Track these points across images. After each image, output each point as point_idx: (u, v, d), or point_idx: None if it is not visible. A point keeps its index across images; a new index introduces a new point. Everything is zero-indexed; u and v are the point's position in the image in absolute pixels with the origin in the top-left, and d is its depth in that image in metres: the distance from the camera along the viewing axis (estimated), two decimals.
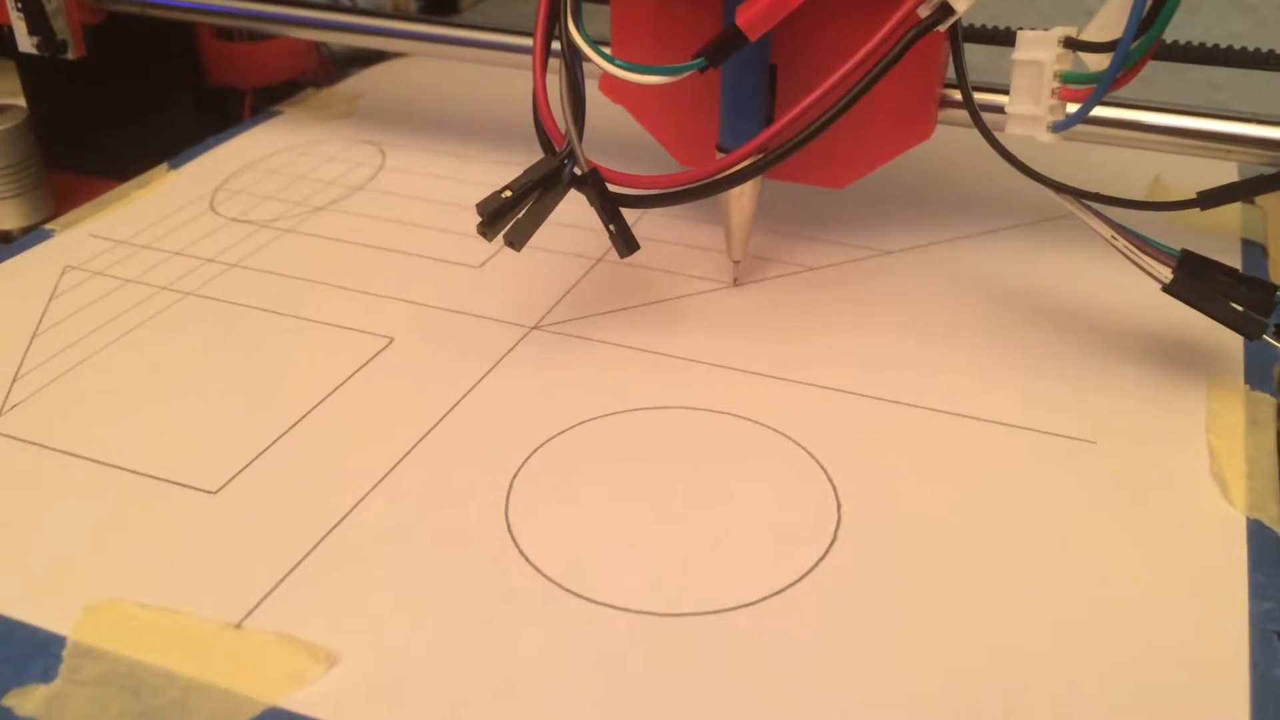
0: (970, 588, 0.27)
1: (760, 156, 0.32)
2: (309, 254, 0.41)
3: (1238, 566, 0.27)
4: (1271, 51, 0.37)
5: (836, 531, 0.29)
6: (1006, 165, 0.33)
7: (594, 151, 0.33)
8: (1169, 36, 0.29)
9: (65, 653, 0.25)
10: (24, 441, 0.32)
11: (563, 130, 0.33)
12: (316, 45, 0.58)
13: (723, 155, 0.33)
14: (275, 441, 0.32)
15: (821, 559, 0.28)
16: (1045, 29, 0.30)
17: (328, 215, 0.44)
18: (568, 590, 0.27)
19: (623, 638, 0.25)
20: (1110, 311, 0.37)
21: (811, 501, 0.29)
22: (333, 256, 0.41)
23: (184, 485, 0.30)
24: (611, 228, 0.33)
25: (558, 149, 0.33)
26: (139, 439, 0.32)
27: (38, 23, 0.46)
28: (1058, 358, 0.35)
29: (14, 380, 0.34)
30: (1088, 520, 0.29)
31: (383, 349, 0.36)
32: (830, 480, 0.30)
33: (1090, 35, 0.30)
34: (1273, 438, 0.31)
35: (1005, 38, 0.40)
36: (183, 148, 0.50)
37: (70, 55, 0.47)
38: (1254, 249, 0.41)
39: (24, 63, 0.50)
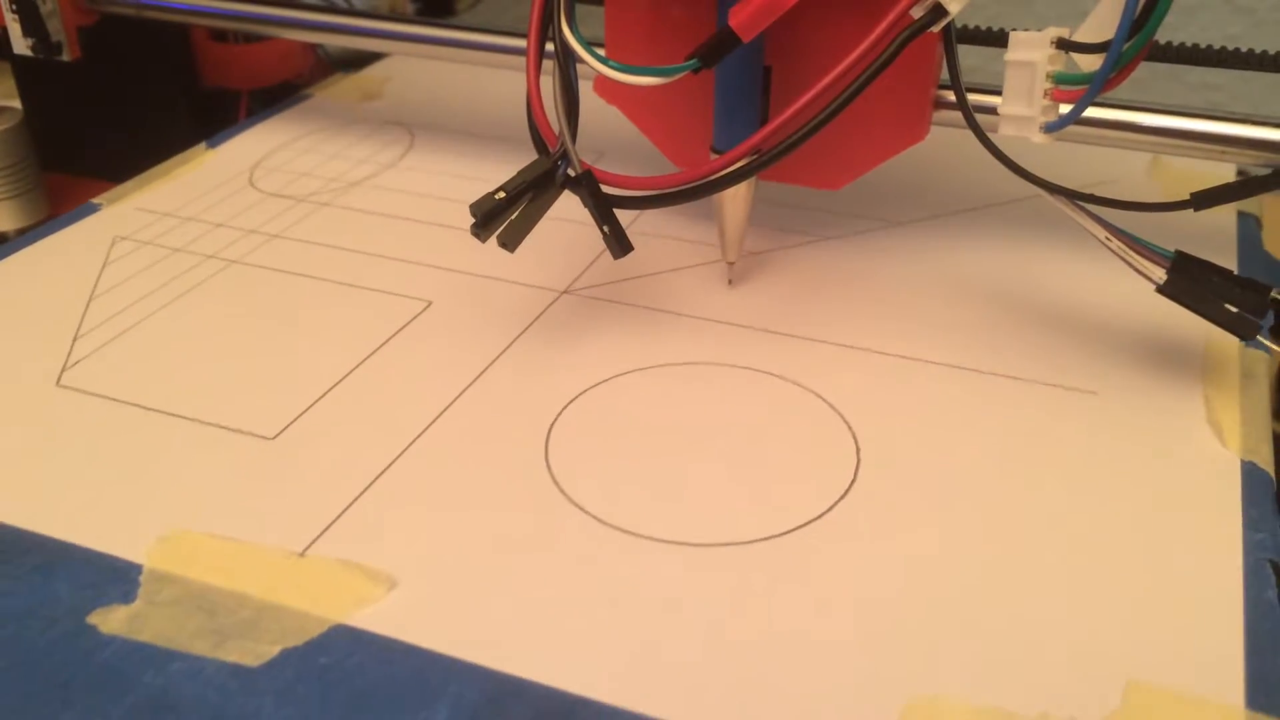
0: (980, 521, 0.29)
1: (754, 158, 0.32)
2: (346, 225, 0.43)
3: (1232, 503, 0.29)
4: (1265, 52, 0.38)
5: (856, 472, 0.30)
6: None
7: (588, 152, 0.34)
8: (1163, 38, 0.29)
9: (142, 578, 0.27)
10: (89, 394, 0.34)
11: (556, 131, 0.33)
12: (312, 47, 0.57)
13: (717, 156, 0.33)
14: (326, 394, 0.34)
15: (843, 496, 0.30)
16: (1039, 29, 0.30)
17: (362, 190, 0.46)
18: (605, 523, 0.29)
19: (658, 566, 0.27)
20: (1113, 273, 0.38)
21: (832, 446, 0.31)
22: (369, 228, 0.43)
23: (243, 432, 0.32)
24: (605, 229, 0.33)
25: (551, 150, 0.33)
26: (197, 391, 0.34)
27: (32, 24, 0.46)
28: (1061, 316, 0.37)
29: (74, 339, 0.36)
30: (1091, 463, 0.31)
31: (422, 311, 0.38)
32: (849, 427, 0.32)
33: (1083, 36, 0.29)
34: (1266, 389, 0.33)
35: (998, 39, 0.39)
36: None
37: (65, 57, 0.47)
38: (1248, 220, 0.43)
39: (19, 65, 0.49)
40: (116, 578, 0.27)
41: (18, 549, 0.28)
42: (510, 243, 0.32)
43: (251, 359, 0.35)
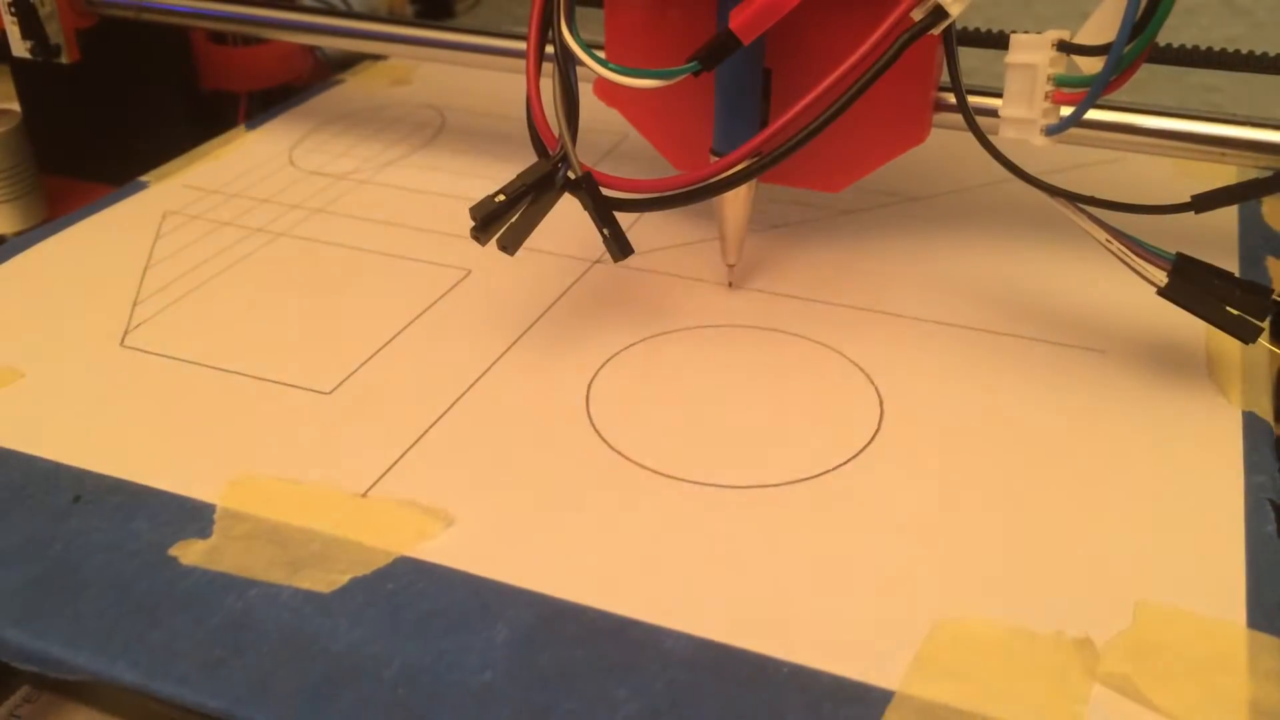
0: (997, 462, 0.31)
1: (755, 160, 0.32)
2: (385, 200, 0.45)
3: (1234, 448, 0.31)
4: (1265, 54, 0.39)
5: (880, 423, 0.32)
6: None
7: (588, 154, 0.34)
8: (1164, 40, 0.28)
9: (216, 516, 0.29)
10: (151, 354, 0.36)
11: (556, 134, 0.33)
12: (310, 49, 0.58)
13: (717, 159, 0.33)
14: (376, 353, 0.36)
15: (868, 444, 0.32)
16: (1039, 32, 0.30)
17: (398, 168, 0.48)
18: (644, 467, 0.31)
19: (695, 506, 0.29)
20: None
21: (857, 400, 0.33)
22: (407, 202, 0.45)
23: (300, 388, 0.34)
24: (605, 231, 0.33)
25: (552, 153, 0.33)
26: (253, 351, 0.36)
27: (31, 27, 0.46)
28: (1071, 283, 0.39)
29: (134, 305, 0.38)
30: (1100, 414, 0.32)
31: (462, 279, 0.40)
32: (873, 383, 0.34)
33: (1084, 39, 0.29)
34: (1265, 346, 0.35)
35: (999, 41, 0.39)
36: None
37: (64, 59, 0.47)
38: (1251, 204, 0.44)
39: (18, 67, 0.49)
40: (192, 516, 0.29)
41: (99, 491, 0.30)
42: (510, 245, 0.33)
43: (303, 322, 0.37)
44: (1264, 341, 0.32)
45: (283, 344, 0.36)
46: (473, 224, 0.32)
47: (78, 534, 0.29)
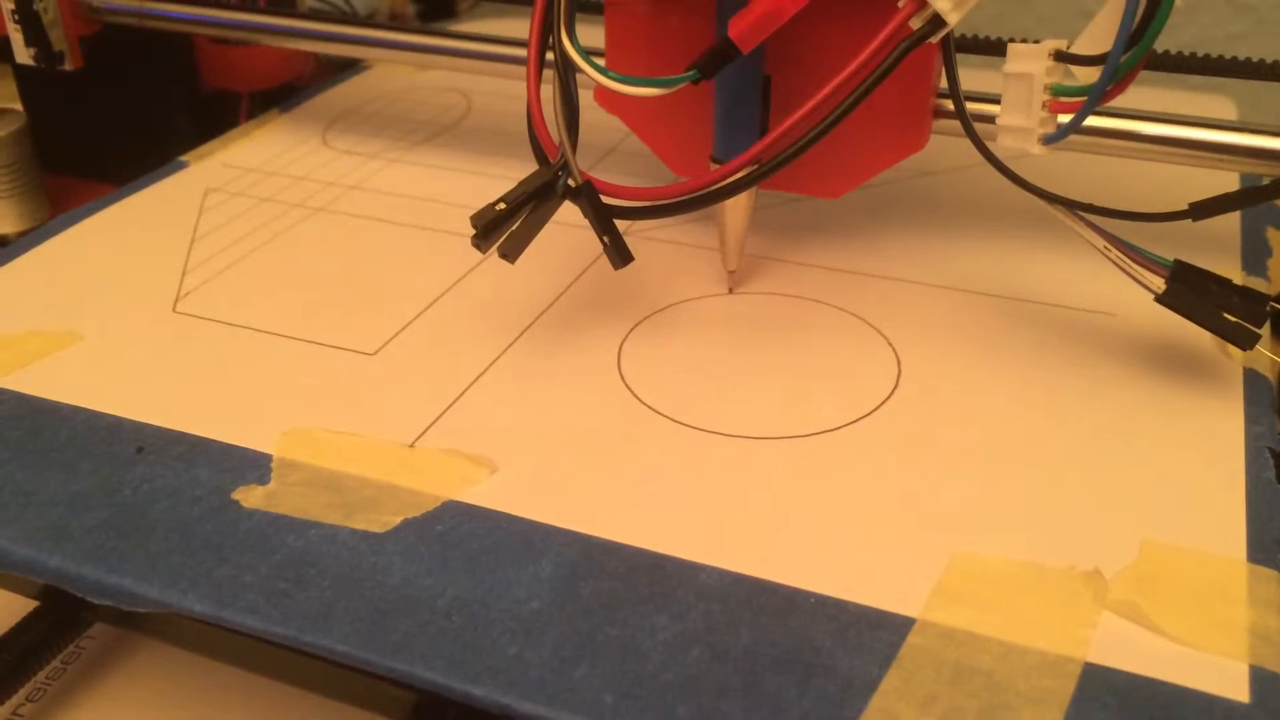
0: (1011, 413, 0.32)
1: (755, 167, 0.32)
2: (418, 177, 0.47)
3: (1235, 401, 0.33)
4: (1261, 61, 0.40)
5: (898, 380, 0.34)
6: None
7: (588, 161, 0.36)
8: (1165, 38, 0.29)
9: (273, 465, 0.31)
10: (202, 319, 0.37)
11: (557, 142, 0.33)
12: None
13: (717, 166, 0.33)
14: (416, 317, 0.37)
15: (887, 398, 0.33)
16: (1039, 39, 0.31)
17: (429, 148, 0.50)
18: (674, 420, 0.32)
19: (724, 455, 0.31)
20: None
21: (876, 359, 0.35)
22: (439, 179, 0.47)
23: (346, 349, 0.36)
24: (605, 240, 0.33)
25: (552, 161, 0.34)
26: (299, 316, 0.37)
27: (35, 34, 0.46)
28: (1079, 245, 0.40)
29: (183, 274, 0.40)
30: (1107, 368, 0.34)
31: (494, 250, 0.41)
32: (891, 345, 0.36)
33: (1081, 47, 0.30)
34: (1269, 348, 0.36)
35: (997, 48, 0.41)
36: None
37: (67, 66, 0.48)
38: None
39: (21, 67, 0.49)
40: (250, 465, 0.31)
41: (159, 443, 0.32)
42: (511, 254, 0.33)
43: (344, 290, 0.39)
44: (1262, 349, 0.33)
45: (325, 310, 0.38)
46: (473, 232, 0.33)
47: (144, 480, 0.30)
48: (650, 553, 0.28)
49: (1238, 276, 0.39)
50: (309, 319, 0.37)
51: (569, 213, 0.41)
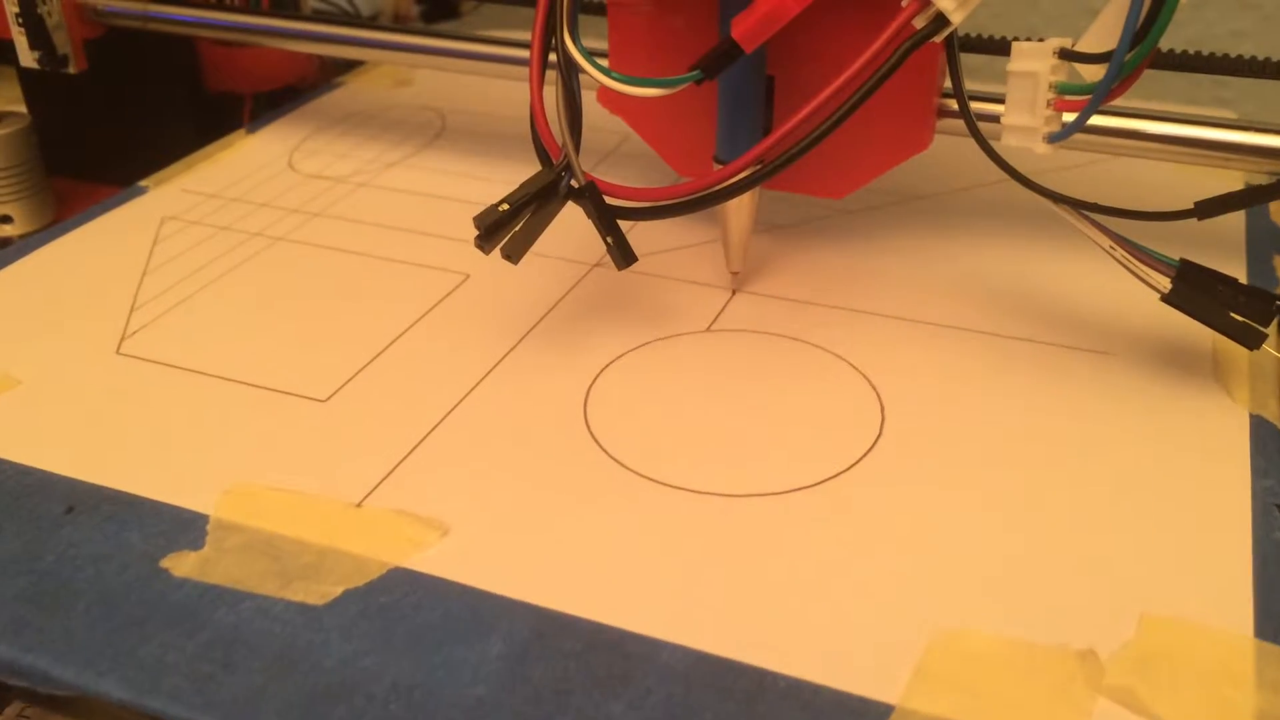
0: (999, 467, 0.30)
1: (758, 168, 0.32)
2: (384, 204, 0.45)
3: (1241, 452, 0.31)
4: (1268, 60, 0.39)
5: (881, 429, 0.32)
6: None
7: (591, 161, 0.35)
8: (1170, 34, 0.28)
9: (209, 527, 0.29)
10: (148, 361, 0.35)
11: (560, 143, 0.33)
12: None
13: (720, 166, 0.33)
14: (374, 359, 0.35)
15: (868, 451, 0.31)
16: (1043, 38, 0.30)
17: (398, 171, 0.48)
18: (642, 475, 0.30)
19: (694, 514, 0.29)
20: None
21: (858, 405, 0.33)
22: (406, 206, 0.45)
23: (297, 395, 0.34)
24: (609, 240, 0.33)
25: (555, 161, 0.33)
26: (250, 358, 0.35)
27: (39, 37, 0.46)
28: (1073, 282, 0.38)
29: (131, 311, 0.38)
30: (1105, 416, 0.32)
31: (461, 283, 0.39)
32: (874, 388, 0.34)
33: (1085, 46, 0.29)
34: (1274, 347, 0.35)
35: (1002, 47, 0.40)
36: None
37: (71, 69, 0.48)
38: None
39: (25, 69, 0.49)
40: (185, 527, 0.29)
41: (90, 501, 0.30)
42: (514, 255, 0.33)
43: (300, 328, 0.37)
44: (1269, 348, 0.32)
45: (279, 351, 0.36)
46: (476, 233, 0.32)
47: (70, 545, 0.28)
48: (609, 628, 0.26)
49: (1243, 276, 0.37)
50: (260, 361, 0.35)
51: (542, 243, 0.40)
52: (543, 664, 0.25)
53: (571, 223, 0.34)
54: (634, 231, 0.41)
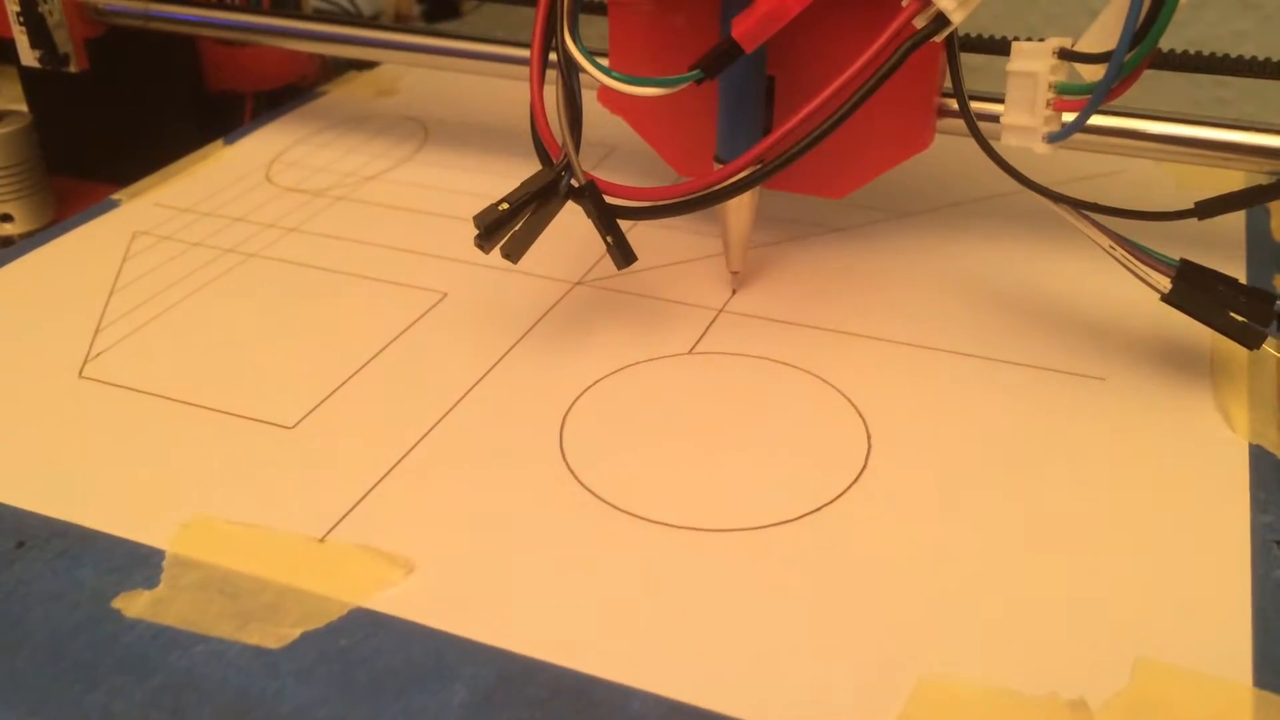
0: (990, 502, 0.29)
1: (758, 167, 0.32)
2: (362, 219, 0.44)
3: (1240, 485, 0.29)
4: (1267, 60, 0.39)
5: (867, 459, 0.31)
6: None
7: (591, 161, 0.34)
8: (1171, 34, 0.29)
9: (165, 563, 0.28)
10: (111, 385, 0.34)
11: (560, 142, 0.33)
12: None
13: (720, 166, 0.33)
14: (344, 383, 0.34)
15: (854, 483, 0.30)
16: (1043, 37, 0.30)
17: (378, 184, 0.47)
18: (618, 509, 0.29)
19: (671, 551, 0.28)
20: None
21: (843, 433, 0.32)
22: (385, 221, 0.44)
23: (263, 421, 0.33)
24: (609, 239, 0.33)
25: (555, 161, 0.33)
26: (217, 382, 0.34)
27: (40, 36, 0.46)
28: (1069, 304, 0.37)
29: (96, 332, 0.37)
30: (1099, 447, 0.31)
31: (437, 302, 0.38)
32: (860, 415, 0.32)
33: (1085, 46, 0.29)
34: (1274, 372, 0.33)
35: (1002, 47, 0.40)
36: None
37: (72, 68, 0.48)
38: (1257, 209, 0.43)
39: (26, 68, 0.49)
40: (140, 563, 0.28)
41: (42, 535, 0.29)
42: (514, 254, 0.32)
43: (270, 350, 0.36)
44: (1269, 348, 0.32)
45: (247, 374, 0.35)
46: (476, 232, 0.32)
47: (19, 583, 0.27)
48: (577, 674, 0.25)
49: (1242, 277, 0.36)
50: (227, 386, 0.34)
51: (526, 261, 0.39)
52: (506, 712, 0.24)
53: (553, 239, 0.33)
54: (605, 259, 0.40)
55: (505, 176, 0.34)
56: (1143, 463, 0.30)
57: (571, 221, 0.39)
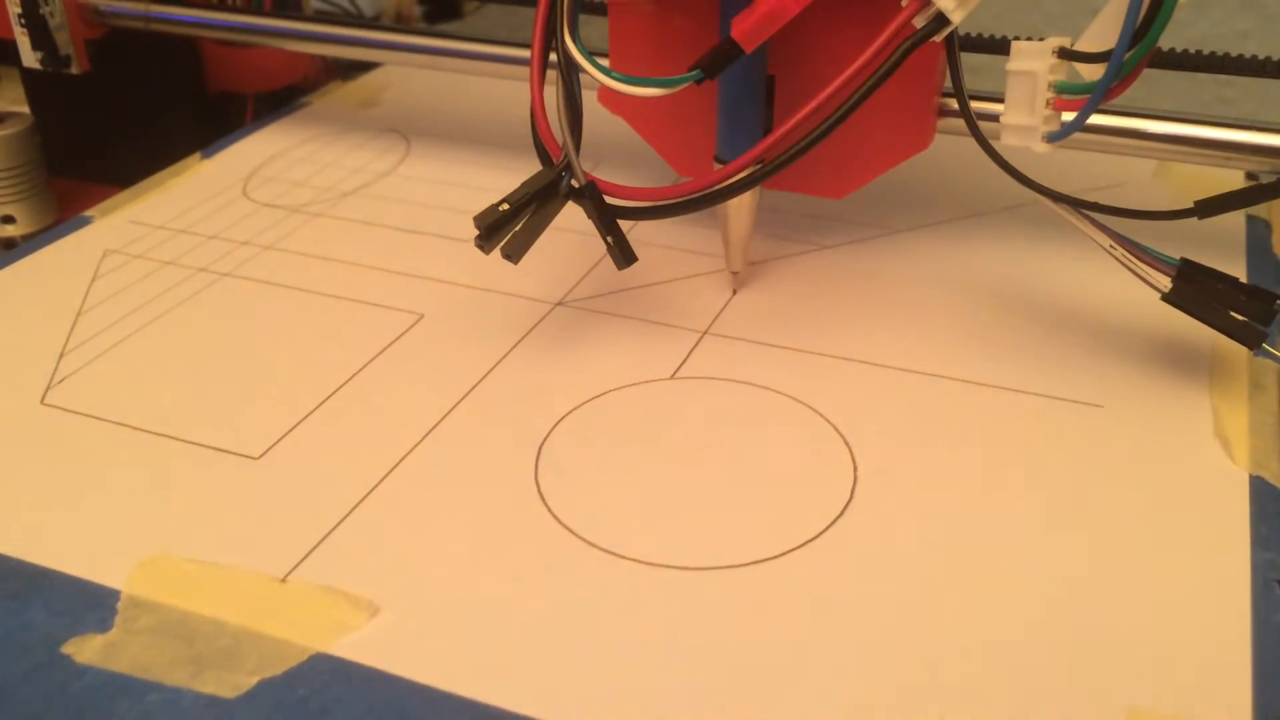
0: (982, 542, 0.28)
1: (758, 167, 0.32)
2: (340, 236, 0.43)
3: (1240, 520, 0.28)
4: (1269, 59, 0.38)
5: (853, 491, 0.30)
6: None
7: (592, 162, 0.34)
8: (1173, 34, 0.29)
9: (120, 605, 0.27)
10: (72, 412, 0.33)
11: (560, 143, 0.33)
12: None
13: (721, 166, 0.33)
14: (313, 411, 0.33)
15: (838, 517, 0.29)
16: (1043, 38, 0.30)
17: (356, 200, 0.46)
18: (594, 546, 0.28)
19: (648, 590, 0.27)
20: (1116, 283, 0.38)
21: (829, 464, 0.31)
22: (363, 238, 0.43)
23: (228, 452, 0.31)
24: (609, 240, 0.33)
25: (555, 161, 0.33)
26: (183, 410, 0.33)
27: (41, 38, 0.46)
28: (1064, 327, 0.36)
29: (60, 356, 0.36)
30: (1096, 479, 0.30)
31: (413, 325, 0.37)
32: (847, 444, 0.31)
33: (1085, 45, 0.29)
34: (1275, 400, 0.32)
35: (1002, 46, 0.40)
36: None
37: (74, 70, 0.48)
38: (1257, 223, 0.42)
39: (27, 70, 0.49)
40: (94, 604, 0.27)
41: None
42: (514, 254, 0.32)
43: (239, 376, 0.35)
44: (1269, 347, 0.31)
45: (215, 401, 0.34)
46: (476, 233, 0.32)
47: None
48: None
49: (1242, 276, 0.36)
50: (193, 413, 0.33)
51: (506, 280, 0.38)
52: None
53: (535, 258, 0.32)
54: (595, 272, 0.39)
55: (488, 191, 0.33)
56: (1139, 496, 0.29)
57: (554, 238, 0.38)
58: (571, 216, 0.34)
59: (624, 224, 0.33)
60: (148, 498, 0.30)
